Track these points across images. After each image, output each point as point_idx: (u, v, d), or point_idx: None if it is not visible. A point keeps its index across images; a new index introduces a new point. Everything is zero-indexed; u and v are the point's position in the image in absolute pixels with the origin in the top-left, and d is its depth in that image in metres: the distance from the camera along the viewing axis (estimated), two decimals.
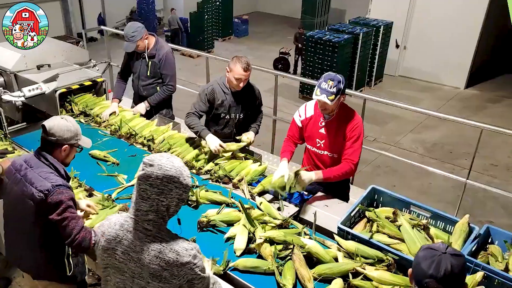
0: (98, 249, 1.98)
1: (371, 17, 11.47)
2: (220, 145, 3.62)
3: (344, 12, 16.10)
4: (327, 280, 2.49)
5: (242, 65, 3.67)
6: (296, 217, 3.22)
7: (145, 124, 4.30)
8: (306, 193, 3.39)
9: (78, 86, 4.69)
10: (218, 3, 14.48)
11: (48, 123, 2.51)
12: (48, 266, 2.57)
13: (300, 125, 3.50)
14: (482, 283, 2.41)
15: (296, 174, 3.16)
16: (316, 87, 3.15)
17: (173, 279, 1.85)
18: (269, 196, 3.30)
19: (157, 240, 1.86)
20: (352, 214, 2.90)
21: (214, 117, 3.99)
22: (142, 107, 4.61)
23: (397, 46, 11.74)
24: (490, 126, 4.12)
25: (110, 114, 4.46)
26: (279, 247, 2.66)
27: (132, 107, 4.89)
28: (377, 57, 10.93)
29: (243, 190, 3.36)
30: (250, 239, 2.73)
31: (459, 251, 1.73)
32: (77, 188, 3.27)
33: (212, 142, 3.64)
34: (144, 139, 4.02)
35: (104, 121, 4.38)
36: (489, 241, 2.74)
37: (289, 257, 2.58)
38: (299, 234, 2.80)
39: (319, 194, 3.41)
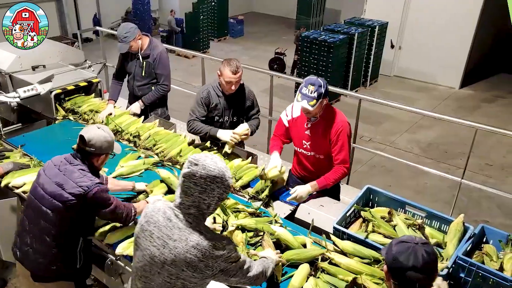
0: (137, 226, 2.07)
1: (366, 17, 11.49)
2: (234, 133, 3.72)
3: (339, 13, 16.13)
4: (296, 266, 2.59)
5: (231, 68, 3.68)
6: (292, 217, 3.24)
7: (131, 121, 4.38)
8: None
9: (73, 87, 4.68)
10: (213, 3, 14.47)
11: (87, 134, 2.61)
12: (59, 258, 2.62)
13: (286, 124, 3.52)
14: (478, 283, 2.43)
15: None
16: (297, 92, 3.16)
17: (207, 270, 1.95)
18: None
19: (196, 232, 1.95)
20: (347, 214, 2.91)
21: (208, 120, 3.99)
22: (137, 106, 4.61)
23: (392, 46, 11.78)
24: (484, 126, 4.14)
25: (107, 116, 4.45)
26: (250, 234, 2.80)
27: (128, 107, 4.88)
28: (372, 57, 10.96)
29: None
30: (224, 227, 2.87)
31: (425, 239, 1.87)
32: None
33: (224, 135, 3.75)
34: (130, 135, 4.12)
35: (101, 122, 4.38)
36: (484, 240, 2.76)
37: (259, 244, 2.72)
38: (270, 222, 2.93)
39: (315, 194, 3.42)
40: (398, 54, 11.83)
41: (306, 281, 2.46)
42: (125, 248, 2.72)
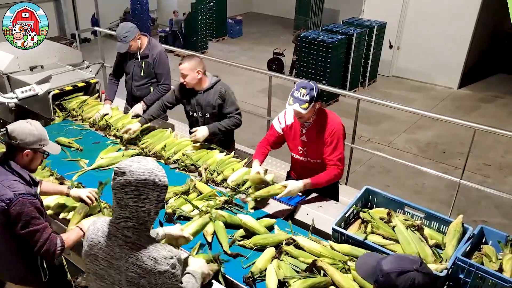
0: (82, 253, 1.97)
1: (365, 17, 11.49)
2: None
3: (337, 13, 16.12)
4: (263, 250, 2.68)
5: (181, 60, 3.89)
6: (291, 217, 3.23)
7: (120, 117, 4.44)
8: (300, 193, 3.39)
9: (71, 87, 4.67)
10: (212, 3, 14.46)
11: (11, 126, 2.44)
12: (25, 272, 2.51)
13: (280, 132, 3.49)
14: (477, 284, 2.42)
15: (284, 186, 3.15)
16: (289, 96, 3.13)
17: (151, 287, 1.82)
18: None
19: (136, 247, 1.82)
20: (346, 215, 2.91)
21: (186, 114, 4.22)
22: (139, 107, 4.59)
23: (391, 46, 11.78)
24: (483, 126, 4.14)
25: (101, 115, 4.44)
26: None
27: (126, 107, 4.88)
28: (370, 57, 10.96)
29: (201, 174, 3.53)
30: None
31: (423, 263, 1.82)
32: (49, 177, 3.39)
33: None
34: (117, 131, 4.17)
35: (99, 121, 4.38)
36: (483, 241, 2.75)
37: None
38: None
39: (314, 194, 3.41)
40: (397, 54, 11.84)
41: (270, 263, 2.56)
42: None
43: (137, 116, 4.52)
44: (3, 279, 2.62)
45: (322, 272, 2.49)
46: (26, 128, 2.43)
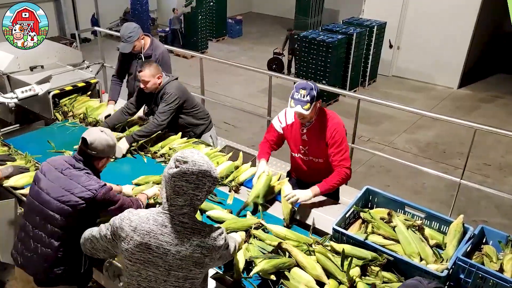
0: (128, 243, 1.99)
1: (365, 17, 11.49)
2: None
3: (337, 13, 16.12)
4: None
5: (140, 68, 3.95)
6: (292, 217, 3.22)
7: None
8: None
9: (71, 88, 4.67)
10: (212, 3, 14.45)
11: (90, 137, 2.61)
12: (63, 264, 2.59)
13: (281, 131, 3.48)
14: (478, 284, 2.42)
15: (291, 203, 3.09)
16: (289, 98, 3.13)
17: (212, 262, 2.03)
18: None
19: (196, 231, 1.96)
20: (347, 215, 2.90)
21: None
22: (141, 111, 4.59)
23: (391, 46, 11.78)
24: (483, 126, 4.14)
25: (106, 116, 4.45)
26: None
27: None
28: (370, 57, 10.96)
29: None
30: None
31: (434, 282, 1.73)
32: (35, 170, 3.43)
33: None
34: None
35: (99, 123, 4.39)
36: (484, 241, 2.75)
37: None
38: None
39: None
40: (397, 54, 11.84)
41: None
42: None
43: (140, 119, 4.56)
44: (36, 275, 2.64)
45: (287, 253, 2.62)
46: (103, 140, 2.65)
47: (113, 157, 2.89)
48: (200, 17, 13.64)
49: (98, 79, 4.98)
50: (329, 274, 2.53)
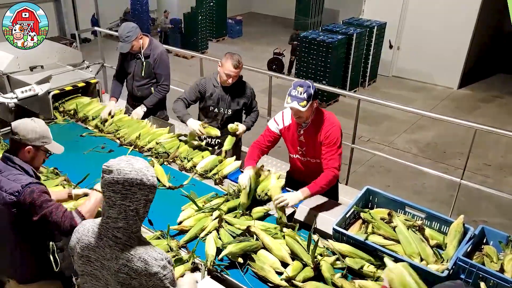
0: (74, 255, 1.96)
1: (365, 17, 11.50)
2: (201, 125, 3.84)
3: (337, 13, 16.12)
4: None
5: (232, 62, 3.82)
6: (292, 218, 3.22)
7: (99, 108, 4.56)
8: None
9: (71, 88, 4.66)
10: (212, 3, 14.45)
11: (15, 122, 2.53)
12: (32, 267, 2.53)
13: (277, 133, 3.46)
14: (478, 284, 2.42)
15: (282, 208, 3.04)
16: (286, 95, 3.12)
17: None
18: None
19: (126, 248, 1.82)
20: (347, 216, 2.90)
21: (203, 109, 4.19)
22: (140, 110, 4.58)
23: (391, 46, 11.78)
24: (483, 126, 4.14)
25: (109, 114, 4.45)
26: None
27: (127, 108, 4.87)
28: (370, 57, 10.96)
29: (174, 162, 3.79)
30: None
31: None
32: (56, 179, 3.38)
33: (193, 124, 3.85)
34: (95, 120, 4.36)
35: (104, 121, 4.39)
36: (484, 241, 2.75)
37: None
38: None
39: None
40: (397, 54, 11.84)
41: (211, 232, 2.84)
42: None
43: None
44: (10, 277, 2.61)
45: (255, 237, 2.73)
46: (29, 125, 2.50)
47: (47, 151, 2.62)
48: (200, 17, 13.64)
49: (98, 79, 4.97)
50: (296, 256, 2.63)
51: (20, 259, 2.50)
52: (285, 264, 2.61)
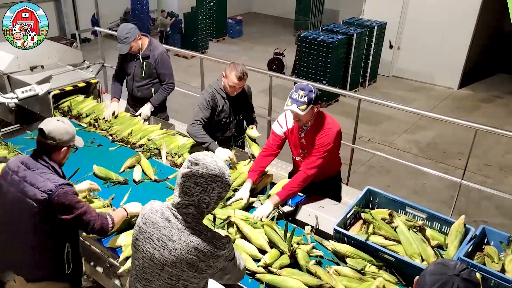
0: (135, 229, 2.04)
1: (365, 17, 11.47)
2: (229, 157, 3.65)
3: (337, 13, 16.10)
4: None
5: (236, 74, 3.69)
6: (292, 218, 3.22)
7: (93, 105, 4.67)
8: (301, 194, 3.38)
9: (71, 88, 4.66)
10: (212, 3, 14.44)
11: (46, 126, 2.49)
12: (44, 266, 2.54)
13: (282, 135, 3.47)
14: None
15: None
16: (288, 97, 3.12)
17: (209, 270, 1.94)
18: None
19: (196, 233, 1.93)
20: (348, 216, 2.90)
21: (216, 123, 4.00)
22: (147, 109, 4.57)
23: (391, 46, 11.77)
24: (484, 126, 4.13)
25: (112, 114, 4.46)
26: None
27: (127, 108, 4.87)
28: (371, 57, 10.95)
29: (161, 157, 3.87)
30: None
31: (474, 277, 1.58)
32: None
33: (223, 154, 3.65)
34: (91, 119, 4.46)
35: (106, 121, 4.40)
36: (485, 241, 2.75)
37: None
38: None
39: (313, 195, 3.40)
40: (397, 54, 11.83)
41: None
42: (120, 241, 2.79)
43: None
44: (18, 274, 2.62)
45: (235, 226, 2.86)
46: (61, 128, 2.53)
47: (74, 147, 2.74)
48: (200, 17, 13.63)
49: (98, 79, 4.97)
50: (274, 245, 2.75)
51: (38, 257, 2.51)
52: (264, 252, 2.72)
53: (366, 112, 8.04)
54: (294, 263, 2.66)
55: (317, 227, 2.99)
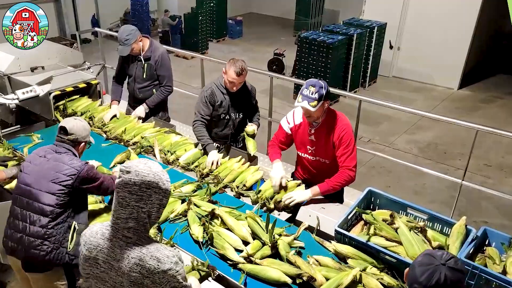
0: (80, 258, 1.97)
1: (365, 18, 11.48)
2: (217, 162, 3.71)
3: (338, 13, 16.11)
4: None
5: (235, 70, 3.74)
6: (293, 219, 3.22)
7: (87, 104, 4.71)
8: None
9: (72, 89, 4.66)
10: (212, 4, 14.44)
11: (68, 124, 2.88)
12: (50, 240, 2.67)
13: (289, 132, 3.49)
14: (481, 286, 2.41)
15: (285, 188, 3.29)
16: (298, 94, 3.14)
17: (155, 287, 1.83)
18: None
19: (138, 248, 1.83)
20: (349, 217, 2.90)
21: (214, 118, 4.07)
22: (141, 110, 4.58)
23: (391, 47, 11.78)
24: (484, 127, 4.13)
25: (111, 117, 4.45)
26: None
27: (128, 110, 4.86)
28: (371, 58, 10.96)
29: (154, 154, 3.95)
30: None
31: (461, 265, 1.65)
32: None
33: (212, 157, 3.70)
34: (85, 117, 4.46)
35: (105, 125, 4.39)
36: (486, 243, 2.75)
37: None
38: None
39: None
40: (397, 55, 11.83)
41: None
42: None
43: (139, 119, 4.53)
44: (24, 257, 2.73)
45: (219, 218, 2.97)
46: (80, 125, 2.93)
47: (89, 143, 3.10)
48: (200, 17, 13.64)
49: (99, 80, 4.97)
50: (256, 236, 2.82)
51: (46, 235, 2.67)
52: (247, 244, 2.80)
53: (366, 112, 8.03)
54: (276, 254, 2.74)
55: (318, 228, 2.98)
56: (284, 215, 3.22)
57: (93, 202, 3.22)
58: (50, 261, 2.68)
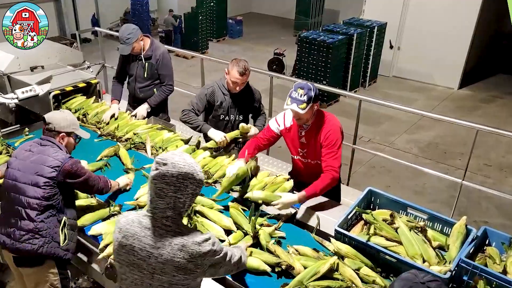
0: (114, 244, 2.01)
1: (365, 18, 11.48)
2: (224, 136, 3.78)
3: (338, 13, 16.11)
4: None
5: (238, 69, 3.72)
6: (293, 219, 3.22)
7: (81, 102, 4.70)
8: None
9: (72, 88, 4.66)
10: (212, 4, 14.44)
11: (47, 114, 2.95)
12: (41, 233, 2.69)
13: (278, 133, 3.48)
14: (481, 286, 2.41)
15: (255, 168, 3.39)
16: (287, 97, 3.12)
17: (198, 269, 1.93)
18: None
19: (178, 235, 1.92)
20: (349, 217, 2.90)
21: (213, 119, 4.06)
22: (143, 109, 4.57)
23: (391, 46, 11.77)
24: (484, 126, 4.13)
25: (111, 117, 4.44)
26: None
27: (128, 109, 4.86)
28: (371, 57, 10.95)
29: (146, 150, 3.95)
30: None
31: (432, 276, 1.63)
32: None
33: (216, 135, 3.80)
34: (80, 114, 4.51)
35: (106, 124, 4.39)
36: (486, 242, 2.74)
37: None
38: None
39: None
40: (397, 54, 11.83)
41: None
42: (101, 229, 2.93)
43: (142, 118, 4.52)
44: (16, 251, 2.73)
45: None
46: (59, 115, 2.97)
47: (78, 137, 3.11)
48: (200, 17, 13.64)
49: (98, 80, 4.96)
50: (238, 226, 2.91)
51: (36, 229, 2.68)
52: (231, 233, 2.88)
53: (366, 112, 8.03)
54: (257, 243, 2.79)
55: (318, 227, 2.98)
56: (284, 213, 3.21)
57: (85, 196, 3.23)
58: (42, 255, 2.70)
